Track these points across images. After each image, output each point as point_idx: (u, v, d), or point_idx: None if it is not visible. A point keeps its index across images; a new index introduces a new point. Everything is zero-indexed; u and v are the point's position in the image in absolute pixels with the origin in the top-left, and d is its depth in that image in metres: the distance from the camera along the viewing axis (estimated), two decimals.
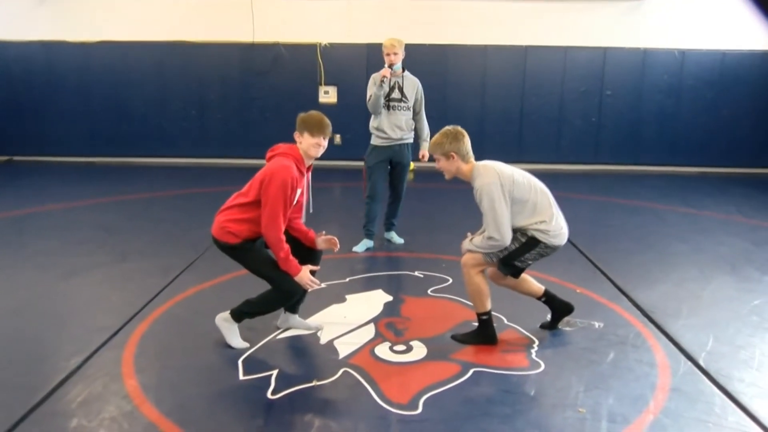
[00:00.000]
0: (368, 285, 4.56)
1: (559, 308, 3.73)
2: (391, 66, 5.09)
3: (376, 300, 4.23)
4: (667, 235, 6.13)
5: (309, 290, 3.51)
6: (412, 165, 9.63)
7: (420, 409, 2.86)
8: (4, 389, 3.00)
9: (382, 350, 3.47)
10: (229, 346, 3.47)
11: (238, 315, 3.50)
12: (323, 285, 4.42)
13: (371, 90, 5.15)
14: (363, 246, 5.34)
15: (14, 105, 9.85)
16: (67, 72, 9.78)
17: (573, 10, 9.60)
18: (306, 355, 3.50)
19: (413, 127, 5.35)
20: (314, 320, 3.83)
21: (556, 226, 3.43)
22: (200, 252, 5.16)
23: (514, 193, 3.35)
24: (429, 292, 4.41)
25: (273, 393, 2.99)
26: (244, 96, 9.85)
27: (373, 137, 5.30)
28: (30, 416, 2.76)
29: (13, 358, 3.35)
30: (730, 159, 9.99)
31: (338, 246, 3.65)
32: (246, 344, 3.50)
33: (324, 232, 3.65)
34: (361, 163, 5.54)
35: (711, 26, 9.61)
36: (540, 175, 3.62)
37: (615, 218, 6.92)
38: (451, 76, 9.75)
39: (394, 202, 5.50)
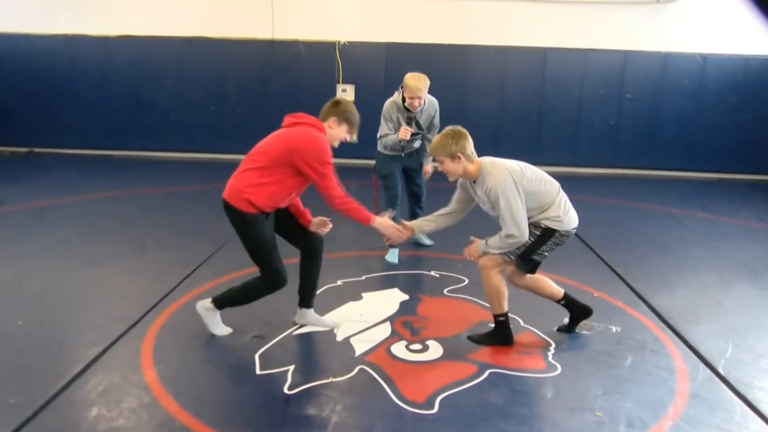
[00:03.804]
0: (384, 283, 4.56)
1: (578, 311, 3.71)
2: (409, 119, 4.89)
3: (392, 298, 4.23)
4: (686, 240, 6.07)
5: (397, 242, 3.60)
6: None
7: (436, 409, 2.86)
8: (26, 375, 3.05)
9: (399, 349, 3.47)
10: (213, 334, 3.50)
11: (220, 303, 3.47)
12: (339, 282, 4.44)
13: (388, 126, 4.95)
14: (394, 256, 5.04)
15: (36, 97, 9.97)
16: (88, 66, 9.88)
17: (594, 12, 9.53)
18: (322, 351, 3.51)
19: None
20: (330, 317, 3.83)
21: (564, 210, 3.42)
22: (218, 246, 5.19)
23: (525, 187, 3.33)
24: (445, 291, 4.41)
25: (290, 388, 3.01)
26: (263, 92, 9.89)
27: (380, 145, 5.11)
28: (50, 404, 2.80)
29: (34, 345, 3.40)
30: (751, 165, 9.84)
31: (329, 227, 3.59)
32: (229, 330, 3.51)
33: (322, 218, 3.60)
34: (371, 162, 5.33)
35: (733, 31, 9.48)
36: (558, 178, 3.58)
37: (633, 222, 6.86)
38: (469, 76, 9.72)
39: (416, 208, 5.34)
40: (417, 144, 5.17)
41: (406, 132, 4.80)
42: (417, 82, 4.76)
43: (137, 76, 9.88)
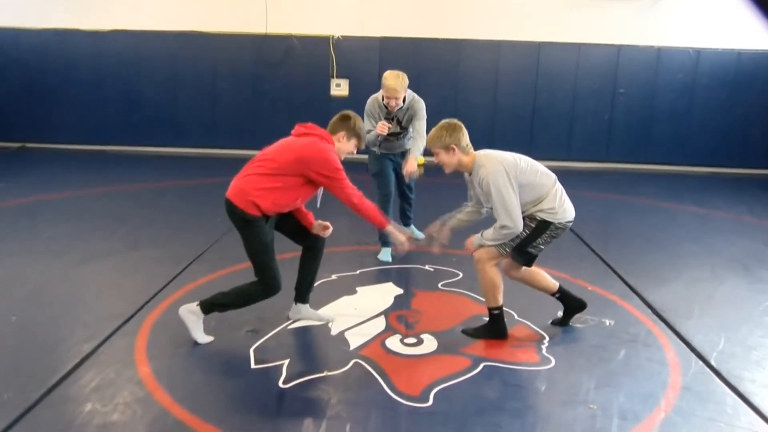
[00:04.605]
0: (379, 277, 4.57)
1: (573, 305, 3.72)
2: (389, 116, 4.80)
3: (386, 292, 4.24)
4: (678, 235, 6.10)
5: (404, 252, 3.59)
6: (422, 159, 9.61)
7: (431, 402, 2.87)
8: (18, 372, 3.03)
9: (393, 342, 3.48)
10: (195, 342, 3.38)
11: (208, 307, 3.37)
12: (334, 276, 4.44)
13: (369, 124, 4.81)
14: (387, 255, 4.98)
15: (27, 92, 9.90)
16: (80, 60, 9.82)
17: (587, 7, 9.54)
18: (317, 345, 3.52)
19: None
20: (325, 311, 3.84)
21: (559, 202, 3.43)
22: (211, 242, 5.18)
23: (519, 178, 3.34)
24: (440, 285, 4.42)
25: (284, 382, 3.01)
26: (256, 87, 9.86)
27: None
28: (44, 400, 2.79)
29: (27, 342, 3.39)
30: (743, 160, 9.91)
31: (330, 230, 3.61)
32: (210, 338, 3.40)
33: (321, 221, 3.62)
34: (365, 157, 5.23)
35: (726, 26, 9.52)
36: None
37: (626, 217, 6.89)
38: (463, 70, 9.72)
39: (406, 205, 5.39)
40: (404, 142, 5.05)
41: (383, 126, 4.72)
42: (394, 82, 4.61)
43: (130, 71, 9.83)
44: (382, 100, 4.78)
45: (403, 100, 4.81)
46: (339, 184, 3.32)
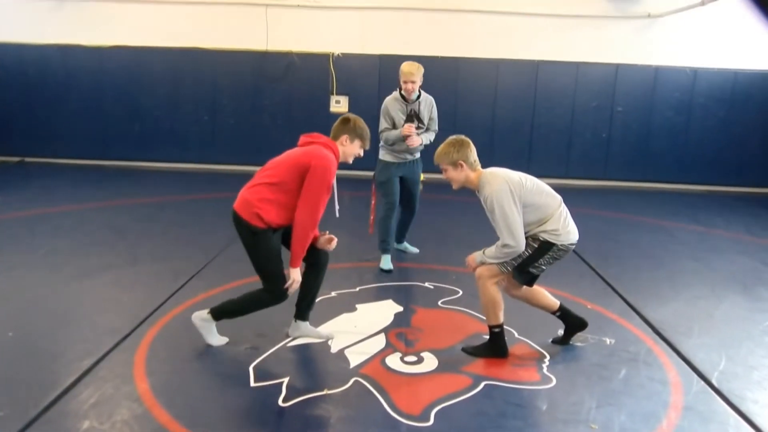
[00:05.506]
0: (378, 295, 4.56)
1: (573, 323, 3.71)
2: (410, 117, 5.01)
3: (386, 310, 4.23)
4: (677, 253, 6.10)
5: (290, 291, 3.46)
6: (422, 176, 9.66)
7: (431, 421, 2.85)
8: (17, 387, 3.01)
9: (393, 361, 3.46)
10: (209, 344, 3.48)
11: (218, 314, 3.48)
12: (333, 293, 4.43)
13: (386, 121, 4.99)
14: (387, 263, 5.07)
15: (28, 106, 9.94)
16: (82, 75, 9.86)
17: (586, 26, 9.64)
18: (317, 363, 3.50)
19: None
20: (324, 329, 3.82)
21: (563, 224, 3.43)
22: (210, 257, 5.17)
23: (524, 198, 3.36)
24: (439, 303, 4.41)
25: (284, 400, 2.99)
26: (256, 103, 9.91)
27: (383, 153, 5.14)
28: (43, 416, 2.77)
29: (25, 356, 3.36)
30: (740, 178, 9.97)
31: (335, 243, 3.61)
32: (225, 339, 3.52)
33: (327, 232, 3.62)
34: (368, 173, 5.38)
35: (723, 46, 9.62)
36: None
37: (625, 235, 6.90)
38: (462, 88, 9.78)
39: (408, 217, 5.44)
40: (422, 141, 5.13)
41: (409, 128, 4.89)
42: (410, 67, 4.90)
43: (130, 87, 9.88)
44: (399, 92, 5.01)
45: (419, 93, 5.03)
46: (312, 200, 3.28)
